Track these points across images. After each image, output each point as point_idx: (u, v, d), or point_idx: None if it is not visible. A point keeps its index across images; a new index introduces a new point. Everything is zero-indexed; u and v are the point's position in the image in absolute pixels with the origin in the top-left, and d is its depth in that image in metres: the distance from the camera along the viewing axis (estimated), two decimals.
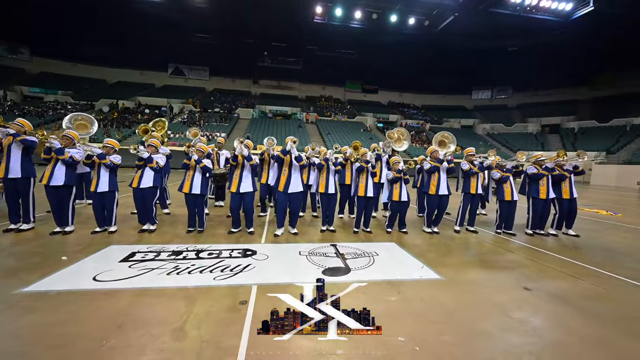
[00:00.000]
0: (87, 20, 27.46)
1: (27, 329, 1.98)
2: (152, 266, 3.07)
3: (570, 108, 33.70)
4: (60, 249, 3.56)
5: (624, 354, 1.99)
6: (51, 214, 4.14)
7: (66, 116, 4.78)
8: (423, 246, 4.32)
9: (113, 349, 1.78)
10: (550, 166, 5.10)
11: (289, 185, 4.48)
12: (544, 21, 24.58)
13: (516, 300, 2.70)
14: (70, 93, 30.25)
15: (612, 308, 2.63)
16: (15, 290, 2.45)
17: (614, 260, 3.96)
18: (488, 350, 1.96)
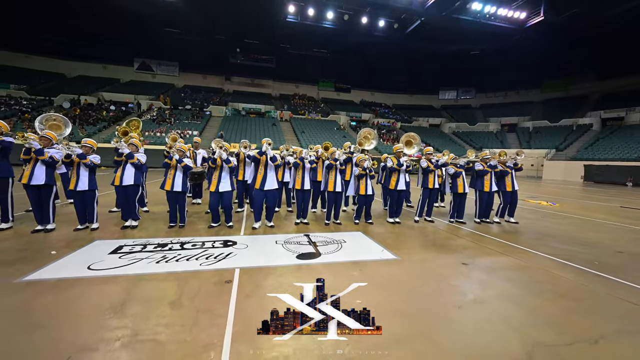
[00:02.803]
0: (41, 8, 25.46)
1: (42, 307, 2.28)
2: (141, 257, 3.37)
3: (526, 109, 36.76)
4: (46, 244, 3.73)
5: (525, 305, 2.65)
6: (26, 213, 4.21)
7: (37, 117, 4.80)
8: (385, 234, 4.94)
9: (123, 317, 2.15)
10: (493, 164, 5.95)
11: (265, 183, 4.90)
12: (502, 28, 26.67)
13: (454, 272, 3.35)
14: (25, 87, 27.96)
15: (524, 275, 3.35)
16: (16, 279, 2.69)
17: (540, 241, 4.81)
18: (425, 305, 2.55)
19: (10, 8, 25.12)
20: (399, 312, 2.40)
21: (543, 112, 34.96)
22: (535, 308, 2.57)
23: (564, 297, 2.80)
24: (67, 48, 31.44)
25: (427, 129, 35.86)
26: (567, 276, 3.31)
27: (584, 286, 3.07)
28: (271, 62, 36.22)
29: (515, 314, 2.45)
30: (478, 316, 2.41)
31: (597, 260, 3.87)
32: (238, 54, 34.60)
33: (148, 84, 34.77)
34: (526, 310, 2.53)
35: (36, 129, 4.79)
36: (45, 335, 1.93)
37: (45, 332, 1.96)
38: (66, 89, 29.11)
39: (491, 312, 2.48)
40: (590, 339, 2.13)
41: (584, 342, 2.10)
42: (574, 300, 2.73)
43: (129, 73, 35.29)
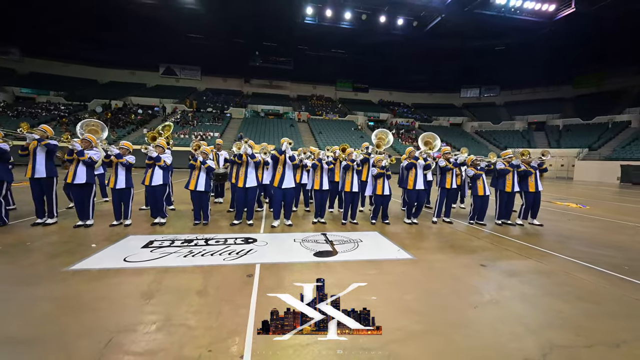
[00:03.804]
0: (78, 20, 27.33)
1: (87, 293, 2.55)
2: (170, 251, 3.63)
3: (555, 106, 34.87)
4: (86, 238, 4.10)
5: (543, 307, 2.63)
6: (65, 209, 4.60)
7: (78, 123, 5.25)
8: (402, 234, 4.96)
9: (157, 304, 2.37)
10: (515, 163, 5.79)
11: (283, 181, 5.07)
12: (529, 22, 25.51)
13: (471, 273, 3.34)
14: (63, 93, 30.09)
15: (544, 277, 3.29)
16: (63, 268, 3.01)
17: (563, 244, 4.65)
18: (441, 304, 2.59)
19: (50, 22, 27.13)
20: (414, 310, 2.46)
21: (574, 109, 33.03)
22: (553, 310, 2.54)
23: (585, 300, 2.73)
24: (100, 56, 33.44)
25: (447, 128, 34.96)
26: (589, 279, 3.22)
27: (607, 289, 2.97)
28: (289, 64, 36.72)
29: (533, 316, 2.44)
30: (494, 316, 2.42)
31: (627, 264, 3.71)
32: (257, 57, 35.35)
33: (172, 88, 36.33)
34: (544, 312, 2.51)
35: (77, 134, 5.24)
36: (91, 317, 2.17)
37: (91, 314, 2.21)
38: (99, 94, 31.03)
39: (508, 313, 2.48)
40: (611, 343, 2.10)
41: (604, 345, 2.07)
42: (595, 304, 2.67)
43: (154, 78, 37.03)
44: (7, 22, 27.13)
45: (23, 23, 27.44)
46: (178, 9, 25.25)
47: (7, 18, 26.57)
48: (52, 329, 2.02)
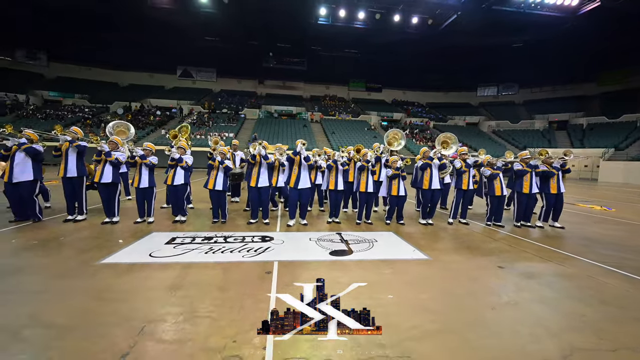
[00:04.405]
0: (99, 26, 28.50)
1: (118, 285, 2.73)
2: (191, 247, 3.79)
3: (578, 104, 33.47)
4: (113, 234, 4.34)
5: (564, 310, 2.59)
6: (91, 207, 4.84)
7: (109, 124, 5.53)
8: (417, 235, 4.95)
9: (183, 297, 2.51)
10: (533, 163, 5.65)
11: (299, 182, 5.17)
12: (550, 17, 24.61)
13: (488, 275, 3.32)
14: (86, 96, 31.49)
15: (565, 280, 3.22)
16: (95, 262, 3.21)
17: (587, 247, 4.50)
18: (456, 304, 2.60)
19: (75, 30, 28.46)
20: (429, 309, 2.48)
21: (600, 107, 31.58)
22: (575, 313, 2.49)
23: (608, 304, 2.67)
24: (120, 60, 34.72)
25: (463, 127, 34.24)
26: (614, 283, 3.13)
27: (632, 294, 2.89)
28: (302, 65, 36.94)
29: (553, 318, 2.41)
30: (513, 318, 2.40)
31: None
32: (271, 58, 35.77)
33: (189, 89, 37.29)
34: (565, 315, 2.47)
35: (107, 134, 5.53)
36: (124, 307, 2.32)
37: (123, 304, 2.36)
38: (119, 96, 32.27)
39: (527, 315, 2.46)
40: (637, 347, 2.05)
41: (629, 349, 2.03)
42: (619, 308, 2.60)
43: (172, 80, 38.12)
44: (37, 30, 28.65)
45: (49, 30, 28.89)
46: (195, 13, 25.90)
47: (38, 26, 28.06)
48: (90, 318, 2.18)
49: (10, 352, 1.80)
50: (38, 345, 1.87)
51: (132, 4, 24.30)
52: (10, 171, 4.58)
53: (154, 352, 1.81)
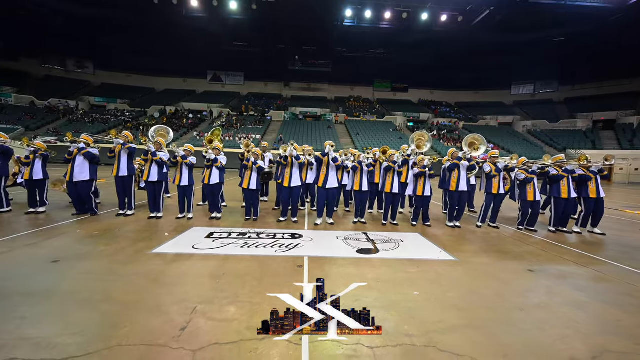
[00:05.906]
0: (138, 35, 30.70)
1: (170, 271, 3.10)
2: (229, 242, 4.13)
3: (628, 101, 30.67)
4: (159, 228, 4.81)
5: (597, 315, 2.54)
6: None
7: (151, 128, 6.09)
8: (444, 237, 4.95)
9: (226, 284, 2.80)
10: (569, 168, 5.42)
11: (327, 182, 5.37)
12: (595, 9, 22.87)
13: (517, 277, 3.30)
14: (127, 101, 34.05)
15: (601, 286, 3.13)
16: (147, 251, 3.63)
17: (628, 254, 4.27)
18: (484, 304, 2.65)
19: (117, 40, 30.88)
20: (456, 306, 2.55)
21: None
22: (609, 318, 2.46)
23: None
24: (156, 66, 37.18)
25: (496, 128, 32.73)
26: None
27: None
28: (327, 67, 37.30)
29: (586, 321, 2.38)
30: (542, 319, 2.41)
31: None
32: (296, 61, 36.49)
33: (218, 93, 39.04)
34: (598, 319, 2.44)
35: (149, 138, 6.09)
36: (178, 290, 2.65)
37: (177, 288, 2.70)
38: (156, 101, 34.53)
39: (557, 317, 2.45)
40: None
41: None
42: None
43: (203, 84, 40.11)
44: (85, 41, 31.45)
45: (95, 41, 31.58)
46: (225, 19, 27.13)
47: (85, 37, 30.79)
48: (151, 297, 2.52)
49: (95, 322, 2.16)
50: (115, 317, 2.21)
51: (167, 14, 25.97)
52: (71, 172, 5.23)
53: (206, 328, 2.08)
